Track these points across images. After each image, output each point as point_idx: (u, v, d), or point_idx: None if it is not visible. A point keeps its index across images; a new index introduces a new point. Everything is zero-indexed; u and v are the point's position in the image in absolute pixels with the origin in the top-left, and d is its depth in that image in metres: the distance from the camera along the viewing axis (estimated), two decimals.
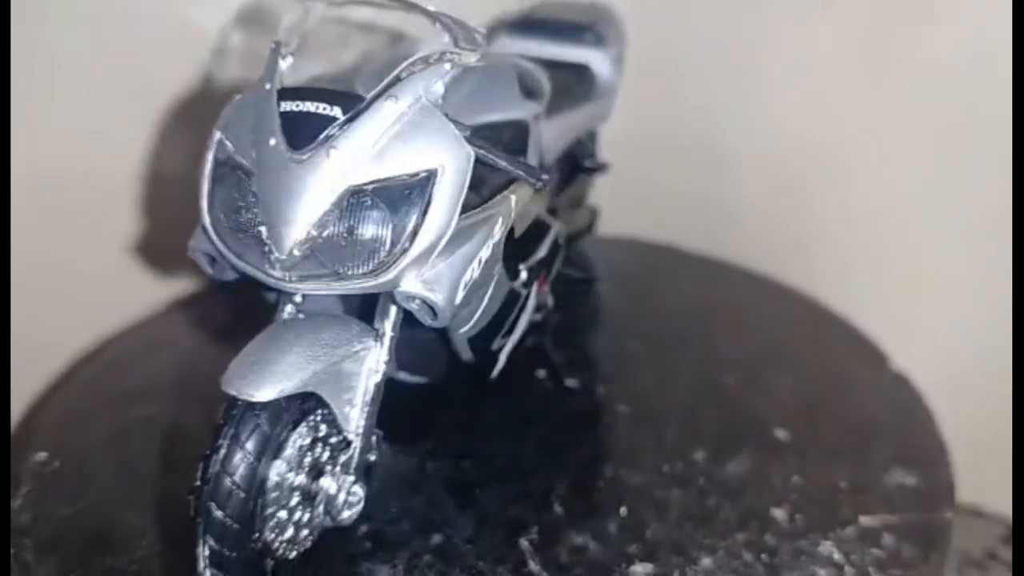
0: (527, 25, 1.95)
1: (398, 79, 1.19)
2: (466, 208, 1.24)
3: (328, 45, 1.31)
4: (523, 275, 1.52)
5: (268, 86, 1.19)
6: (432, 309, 1.22)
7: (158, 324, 2.10)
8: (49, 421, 1.82)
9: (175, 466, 1.62)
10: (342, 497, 1.30)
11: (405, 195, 1.16)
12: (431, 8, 1.23)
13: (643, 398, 1.81)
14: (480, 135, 1.29)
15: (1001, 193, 2.05)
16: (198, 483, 1.16)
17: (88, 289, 2.02)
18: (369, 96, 1.17)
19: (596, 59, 1.92)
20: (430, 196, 1.16)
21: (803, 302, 2.16)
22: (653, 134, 2.03)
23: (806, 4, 2.13)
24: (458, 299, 1.23)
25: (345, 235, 1.15)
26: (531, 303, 1.57)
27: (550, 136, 1.73)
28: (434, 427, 1.72)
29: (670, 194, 2.28)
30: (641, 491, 1.57)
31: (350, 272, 1.16)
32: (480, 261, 1.26)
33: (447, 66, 1.20)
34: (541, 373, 1.86)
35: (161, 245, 2.09)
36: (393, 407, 1.59)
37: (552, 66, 1.85)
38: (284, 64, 1.22)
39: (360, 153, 1.14)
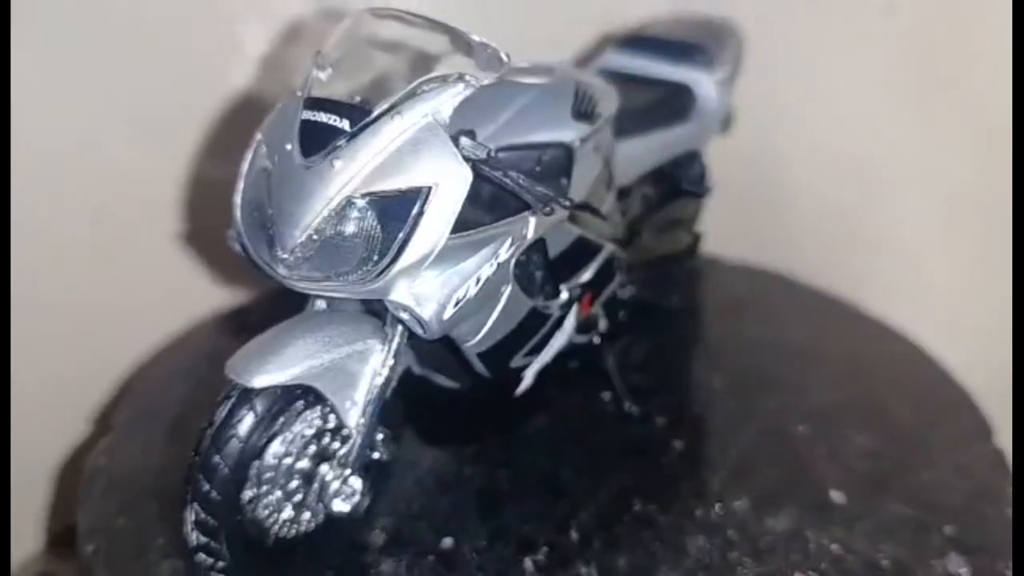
0: (634, 42, 1.92)
1: (409, 96, 1.22)
2: (469, 226, 1.25)
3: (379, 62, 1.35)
4: (563, 295, 1.51)
5: (299, 94, 1.26)
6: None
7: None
8: (154, 375, 1.99)
9: None
10: (335, 486, 1.36)
11: (397, 209, 1.19)
12: (458, 28, 1.25)
13: (703, 436, 1.76)
14: (513, 155, 1.31)
15: None
16: (193, 454, 1.26)
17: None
18: (376, 111, 1.21)
19: (699, 80, 1.86)
20: (421, 212, 1.19)
21: (915, 352, 2.01)
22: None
23: (859, 23, 2.13)
24: (447, 315, 1.25)
25: (340, 241, 1.20)
26: (569, 324, 1.56)
27: (629, 155, 1.71)
28: (483, 434, 1.75)
29: (725, 205, 2.19)
30: (664, 531, 1.53)
31: (343, 277, 1.21)
32: (479, 279, 1.28)
33: (460, 87, 1.22)
34: (606, 396, 1.83)
35: None
36: (448, 410, 1.64)
37: (648, 84, 1.83)
38: (323, 75, 1.28)
39: (360, 165, 1.18)
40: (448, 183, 1.20)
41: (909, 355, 2.01)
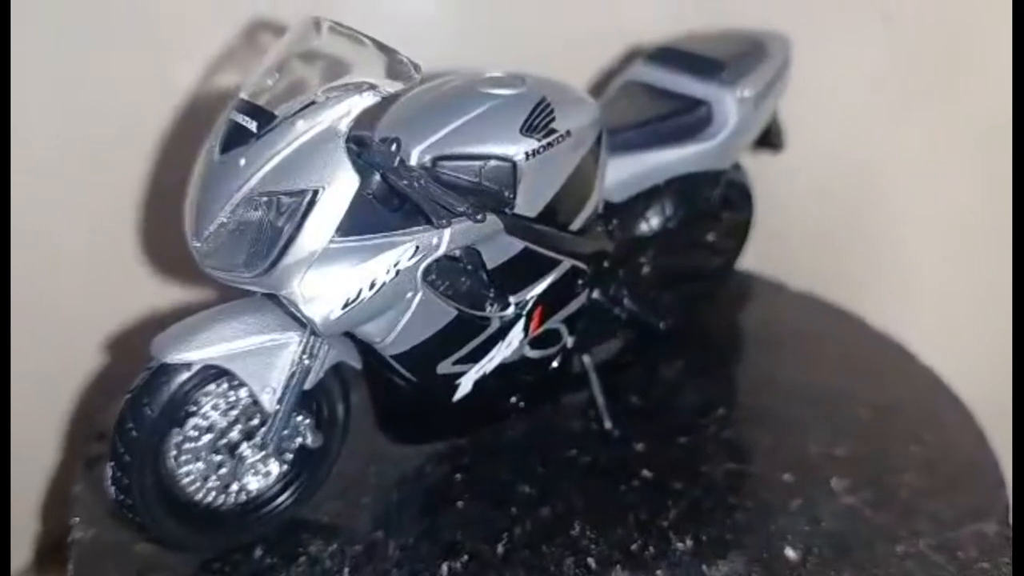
0: (662, 55, 1.85)
1: (314, 102, 1.26)
2: (374, 230, 1.28)
3: None
4: (511, 307, 1.50)
5: (239, 96, 1.33)
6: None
7: None
8: None
9: None
10: (248, 463, 1.45)
11: (286, 208, 1.24)
12: (378, 39, 1.28)
13: (676, 468, 1.68)
14: (456, 164, 1.38)
15: None
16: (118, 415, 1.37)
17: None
18: (281, 115, 1.26)
19: (719, 97, 1.77)
20: (306, 213, 1.23)
21: (956, 411, 1.83)
22: None
23: (859, 31, 2.12)
24: (334, 316, 1.28)
25: (239, 235, 1.27)
26: (514, 337, 1.54)
27: (620, 171, 1.67)
28: (458, 435, 1.75)
29: None
30: (588, 560, 1.50)
31: (240, 270, 1.28)
32: (374, 284, 1.30)
33: (363, 95, 1.25)
34: (592, 414, 1.80)
35: None
36: (430, 408, 1.66)
37: (665, 99, 1.77)
38: (270, 80, 1.35)
39: (261, 164, 1.25)
40: (334, 187, 1.24)
41: (948, 413, 1.82)
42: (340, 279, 1.28)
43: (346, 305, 1.29)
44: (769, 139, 1.98)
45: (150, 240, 2.07)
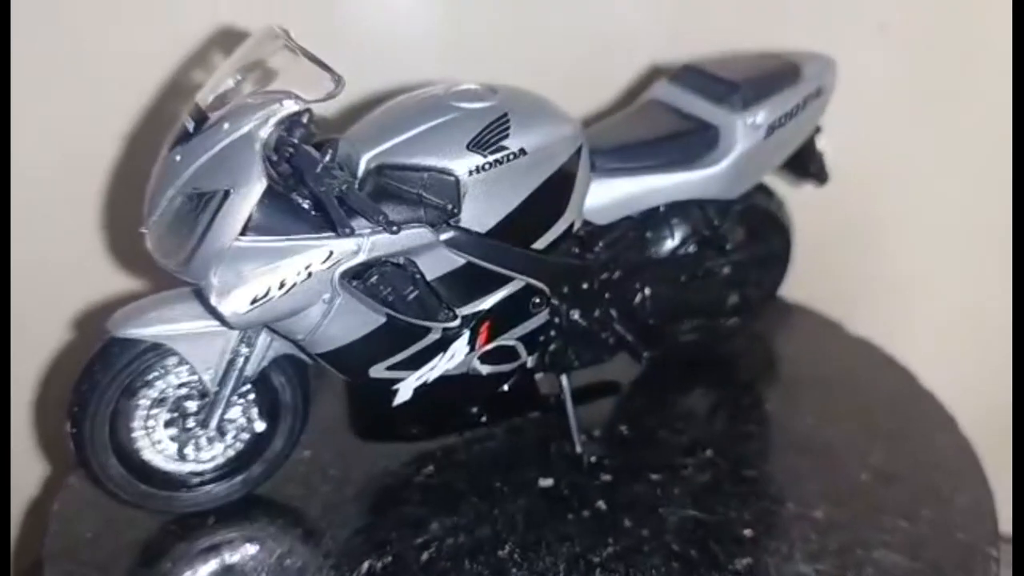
0: (685, 74, 1.77)
1: (240, 107, 1.32)
2: (281, 232, 1.33)
3: None
4: (457, 319, 1.50)
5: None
6: None
7: None
8: None
9: None
10: (196, 437, 1.56)
11: (204, 205, 1.31)
12: (310, 51, 1.32)
13: (632, 506, 1.62)
14: (401, 174, 1.41)
15: None
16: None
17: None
18: (213, 118, 1.33)
19: (728, 122, 1.67)
20: (216, 212, 1.30)
21: (971, 493, 1.64)
22: None
23: (858, 34, 2.09)
24: (242, 311, 1.34)
25: (171, 226, 1.35)
26: (458, 349, 1.53)
27: (609, 192, 1.62)
28: (436, 439, 1.78)
29: None
30: None
31: (168, 258, 1.36)
32: (284, 284, 1.34)
33: (283, 103, 1.30)
34: (584, 438, 1.75)
35: None
36: (419, 409, 1.69)
37: (672, 120, 1.70)
38: (231, 81, 1.42)
39: (190, 163, 1.33)
40: (242, 189, 1.30)
41: (962, 492, 1.64)
42: (249, 277, 1.34)
43: (254, 301, 1.34)
44: (809, 170, 1.84)
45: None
